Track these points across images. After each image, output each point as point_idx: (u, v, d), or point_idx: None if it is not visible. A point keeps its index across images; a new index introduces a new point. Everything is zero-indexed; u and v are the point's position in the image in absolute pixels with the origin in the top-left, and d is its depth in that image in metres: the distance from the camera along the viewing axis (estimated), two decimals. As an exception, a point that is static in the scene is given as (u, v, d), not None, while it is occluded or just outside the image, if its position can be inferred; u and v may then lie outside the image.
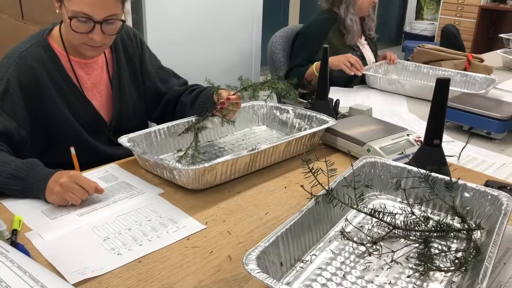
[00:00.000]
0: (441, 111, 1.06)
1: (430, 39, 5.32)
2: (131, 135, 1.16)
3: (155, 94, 1.40)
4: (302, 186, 0.87)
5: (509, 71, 2.32)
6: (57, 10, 1.15)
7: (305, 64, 2.02)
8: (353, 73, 1.93)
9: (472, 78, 1.98)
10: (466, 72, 2.01)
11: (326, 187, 0.90)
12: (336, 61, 1.94)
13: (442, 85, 1.04)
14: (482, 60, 2.21)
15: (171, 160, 1.19)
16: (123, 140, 1.13)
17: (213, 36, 2.16)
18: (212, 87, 1.27)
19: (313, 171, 0.89)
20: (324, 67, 1.38)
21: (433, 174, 0.98)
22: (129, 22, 2.02)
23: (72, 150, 1.05)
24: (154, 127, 1.22)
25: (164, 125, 1.23)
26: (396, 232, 0.90)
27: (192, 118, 1.27)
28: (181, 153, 1.20)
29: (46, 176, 0.99)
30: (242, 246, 0.87)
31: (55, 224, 0.91)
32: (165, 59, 1.49)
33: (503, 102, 1.63)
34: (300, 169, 0.87)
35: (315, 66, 1.97)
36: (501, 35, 2.87)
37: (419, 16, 5.74)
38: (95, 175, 1.12)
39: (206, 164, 0.97)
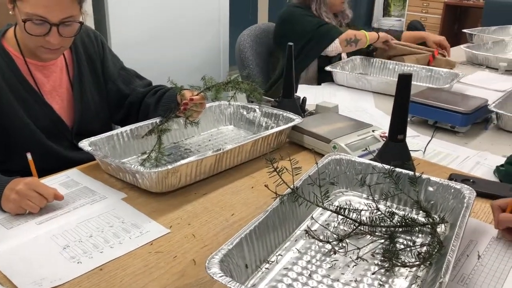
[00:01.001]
0: (404, 107, 1.07)
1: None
2: (93, 138, 1.12)
3: (118, 96, 1.37)
4: (266, 185, 0.86)
5: (472, 65, 2.37)
6: (10, 12, 1.11)
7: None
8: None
9: (436, 73, 2.01)
10: (431, 67, 2.04)
11: (291, 186, 0.89)
12: (384, 38, 2.14)
13: (404, 80, 1.05)
14: (444, 55, 2.25)
15: (134, 163, 1.16)
16: (84, 144, 1.10)
17: (178, 35, 2.14)
18: (175, 88, 1.24)
19: (277, 170, 0.88)
20: (290, 65, 1.38)
21: (398, 169, 0.98)
22: (91, 23, 1.98)
23: (29, 156, 1.01)
24: (116, 130, 1.19)
25: (127, 128, 1.20)
26: (362, 228, 0.90)
27: (156, 120, 1.25)
28: (145, 156, 1.18)
29: (2, 184, 0.95)
30: (207, 249, 0.85)
31: (11, 234, 0.88)
32: (130, 60, 1.46)
33: (467, 96, 1.66)
34: (268, 168, 0.86)
35: (369, 34, 2.10)
36: (465, 30, 2.93)
37: (386, 12, 5.82)
38: (55, 181, 1.08)
39: (169, 167, 0.95)
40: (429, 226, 0.90)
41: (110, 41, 1.94)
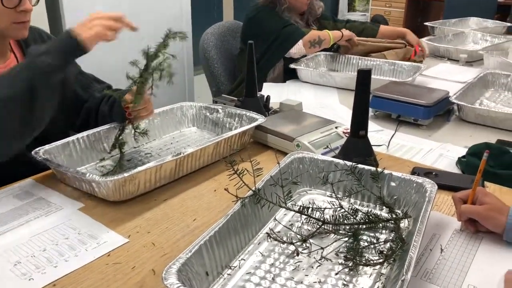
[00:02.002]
0: (365, 102, 1.06)
1: (363, 30, 5.45)
2: (47, 147, 1.08)
3: (75, 101, 1.31)
4: (226, 189, 0.84)
5: (434, 58, 2.40)
6: None
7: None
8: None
9: (399, 66, 2.03)
10: (394, 61, 2.06)
11: (253, 188, 0.87)
12: (348, 36, 2.13)
13: (364, 75, 1.04)
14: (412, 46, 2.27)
15: (93, 171, 1.12)
16: (38, 152, 1.05)
17: (139, 35, 2.08)
18: (116, 95, 1.18)
19: (238, 172, 0.86)
20: (251, 64, 1.36)
21: (360, 165, 0.97)
22: (45, 23, 1.90)
23: None
24: (72, 137, 1.14)
25: (83, 134, 1.16)
26: (325, 227, 0.89)
27: (114, 125, 1.20)
28: (104, 163, 1.14)
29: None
30: (167, 257, 0.82)
31: (-42, 253, 0.83)
32: (90, 63, 1.40)
33: (429, 88, 1.67)
34: (228, 171, 0.84)
35: (330, 31, 2.08)
36: (426, 24, 2.97)
37: (351, 8, 5.87)
38: (8, 193, 1.03)
39: (126, 174, 0.92)
40: (393, 221, 0.89)
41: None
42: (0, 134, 0.97)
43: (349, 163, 0.97)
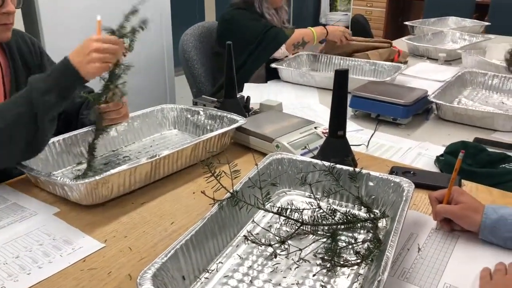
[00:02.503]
0: (342, 102, 1.07)
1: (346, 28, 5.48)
2: (21, 151, 1.05)
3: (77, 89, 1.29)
4: (203, 192, 0.83)
5: (414, 57, 2.43)
6: None
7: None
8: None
9: (380, 66, 2.04)
10: (374, 61, 2.07)
11: (231, 190, 0.87)
12: (335, 33, 2.12)
13: (341, 76, 1.05)
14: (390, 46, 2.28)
15: (69, 175, 1.10)
16: (12, 157, 1.03)
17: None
18: (89, 100, 1.15)
19: (215, 174, 0.85)
20: (230, 65, 1.35)
21: (338, 166, 0.97)
22: (20, 23, 1.86)
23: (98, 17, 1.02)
24: (48, 141, 1.12)
25: (59, 137, 1.14)
26: (304, 228, 0.89)
27: (92, 128, 1.18)
28: (81, 167, 1.12)
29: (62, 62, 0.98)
30: (144, 262, 0.81)
31: None
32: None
33: (408, 87, 1.69)
34: (205, 173, 0.83)
35: (314, 29, 2.05)
36: (406, 23, 3.00)
37: (333, 7, 5.90)
38: (-19, 199, 1.01)
39: (98, 177, 0.90)
40: (370, 221, 0.90)
41: (44, 46, 1.83)
42: (5, 160, 0.98)
43: (327, 164, 0.97)
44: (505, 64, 1.91)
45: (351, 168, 0.97)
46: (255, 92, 1.82)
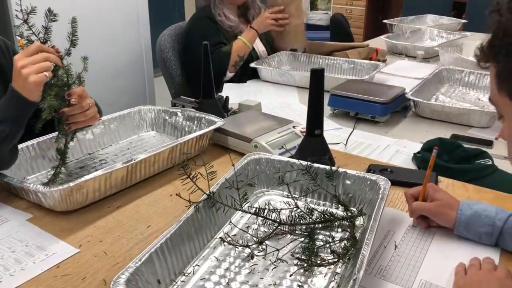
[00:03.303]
0: (319, 101, 1.07)
1: (325, 28, 5.49)
2: (-7, 156, 1.03)
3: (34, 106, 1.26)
4: (178, 194, 0.82)
5: (393, 55, 2.45)
6: None
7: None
8: (283, 29, 2.05)
9: (359, 64, 2.05)
10: (353, 59, 2.08)
11: (207, 192, 0.86)
12: (262, 25, 2.01)
13: (317, 75, 1.05)
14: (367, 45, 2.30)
15: (43, 180, 1.08)
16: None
17: (96, 38, 2.04)
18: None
19: (191, 176, 0.84)
20: (207, 66, 1.34)
21: (315, 165, 0.97)
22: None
23: None
24: (21, 144, 1.09)
25: (33, 141, 1.11)
26: (282, 228, 0.89)
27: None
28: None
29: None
30: (119, 267, 0.80)
31: None
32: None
33: (386, 85, 1.70)
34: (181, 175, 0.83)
35: (245, 37, 1.98)
36: (385, 21, 3.02)
37: (313, 6, 5.92)
38: (-49, 206, 0.98)
39: (71, 184, 0.88)
40: (348, 220, 0.90)
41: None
42: None
43: (304, 163, 0.97)
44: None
45: (328, 167, 0.97)
46: (234, 92, 1.81)
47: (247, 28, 2.05)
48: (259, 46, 2.18)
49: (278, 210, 0.90)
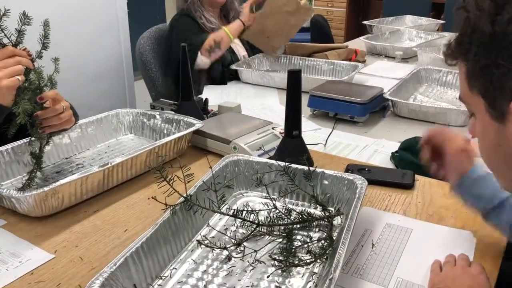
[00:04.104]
0: (297, 102, 1.07)
1: (307, 30, 5.52)
2: (-34, 162, 1.01)
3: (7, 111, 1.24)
4: (154, 197, 0.81)
5: (372, 56, 2.47)
6: None
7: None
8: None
9: (338, 65, 2.06)
10: (333, 61, 2.09)
11: (184, 195, 0.85)
12: (246, 15, 2.02)
13: (294, 76, 1.05)
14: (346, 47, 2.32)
15: (19, 185, 1.06)
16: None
17: (74, 42, 2.02)
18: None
19: (168, 179, 0.84)
20: (185, 67, 1.34)
21: (293, 165, 0.98)
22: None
23: None
24: (-5, 150, 1.08)
25: (7, 146, 1.09)
26: (260, 229, 0.89)
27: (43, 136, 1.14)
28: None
29: None
30: (95, 272, 0.78)
31: None
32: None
33: (364, 86, 1.71)
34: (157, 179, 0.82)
35: (227, 27, 1.97)
36: (364, 22, 3.05)
37: (295, 8, 5.95)
38: None
39: (46, 188, 0.87)
40: (326, 219, 0.90)
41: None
42: None
43: (282, 164, 0.97)
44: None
45: (306, 167, 0.97)
46: (214, 94, 1.81)
47: None
48: (241, 51, 2.18)
49: (257, 211, 0.90)
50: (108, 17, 2.17)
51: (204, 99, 1.52)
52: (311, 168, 0.96)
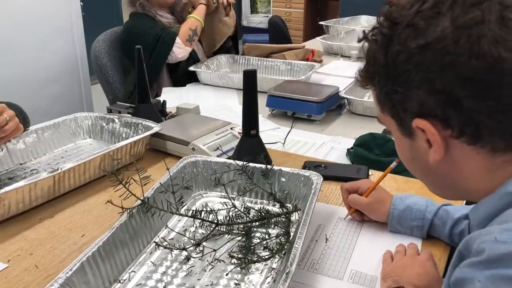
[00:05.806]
0: (253, 102, 1.08)
1: (266, 31, 5.56)
2: None
3: None
4: (110, 201, 0.81)
5: (329, 55, 2.52)
6: None
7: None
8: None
9: (296, 66, 2.09)
10: (290, 61, 2.12)
11: (141, 197, 0.85)
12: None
13: (249, 76, 1.06)
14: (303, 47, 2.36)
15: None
16: None
17: (27, 46, 1.96)
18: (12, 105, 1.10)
19: (124, 182, 0.83)
20: (141, 70, 1.33)
21: (251, 164, 0.99)
22: None
23: None
24: None
25: (-44, 155, 1.06)
26: (219, 229, 0.90)
27: None
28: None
29: None
30: (50, 279, 0.76)
31: None
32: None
33: (321, 85, 1.75)
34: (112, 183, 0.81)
35: (194, 14, 1.99)
36: (321, 23, 3.11)
37: (254, 10, 5.99)
38: None
39: (-12, 196, 0.85)
40: (283, 216, 0.92)
41: None
42: None
43: (240, 163, 0.98)
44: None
45: (264, 166, 0.99)
46: (173, 96, 1.81)
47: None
48: (201, 51, 2.18)
49: (215, 211, 0.91)
50: (62, 20, 2.12)
51: (162, 101, 1.51)
52: (269, 166, 0.98)
